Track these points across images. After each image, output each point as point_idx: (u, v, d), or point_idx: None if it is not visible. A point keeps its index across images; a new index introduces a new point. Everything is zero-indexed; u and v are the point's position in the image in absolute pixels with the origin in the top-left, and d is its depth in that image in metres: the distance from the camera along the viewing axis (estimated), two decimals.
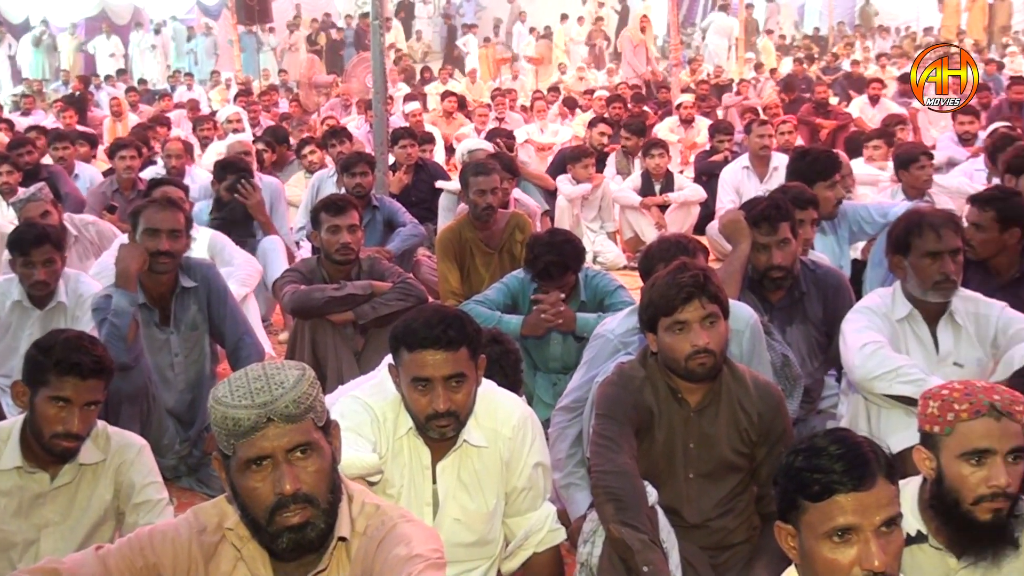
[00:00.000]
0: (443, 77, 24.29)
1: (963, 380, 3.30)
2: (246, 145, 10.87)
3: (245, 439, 2.72)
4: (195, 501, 5.01)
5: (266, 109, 19.10)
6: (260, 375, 2.78)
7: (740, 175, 10.40)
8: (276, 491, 2.73)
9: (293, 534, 2.76)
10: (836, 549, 2.61)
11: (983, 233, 5.61)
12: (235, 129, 13.36)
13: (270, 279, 7.37)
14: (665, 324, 3.92)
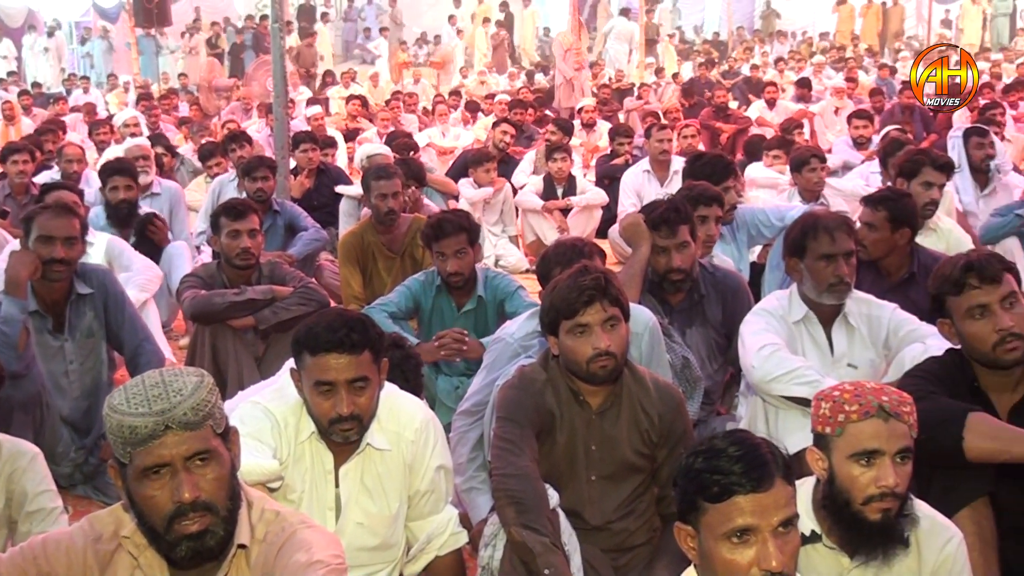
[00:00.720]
0: (345, 81, 24.16)
1: (854, 381, 3.34)
2: (144, 149, 10.70)
3: (142, 447, 2.68)
4: (91, 509, 4.92)
5: (166, 113, 18.87)
6: (157, 382, 2.75)
7: (641, 179, 10.46)
8: (174, 499, 2.70)
9: (192, 542, 2.73)
10: (735, 549, 2.64)
11: (875, 233, 5.71)
12: (133, 133, 13.15)
13: (175, 284, 7.28)
14: (566, 327, 3.94)
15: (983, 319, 3.86)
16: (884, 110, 16.22)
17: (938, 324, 4.06)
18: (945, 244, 6.81)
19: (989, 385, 3.92)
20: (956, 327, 3.94)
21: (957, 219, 8.01)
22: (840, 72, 24.40)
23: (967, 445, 3.61)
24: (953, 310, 3.94)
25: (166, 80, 27.18)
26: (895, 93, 17.52)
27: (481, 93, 23.49)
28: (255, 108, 19.03)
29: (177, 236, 8.44)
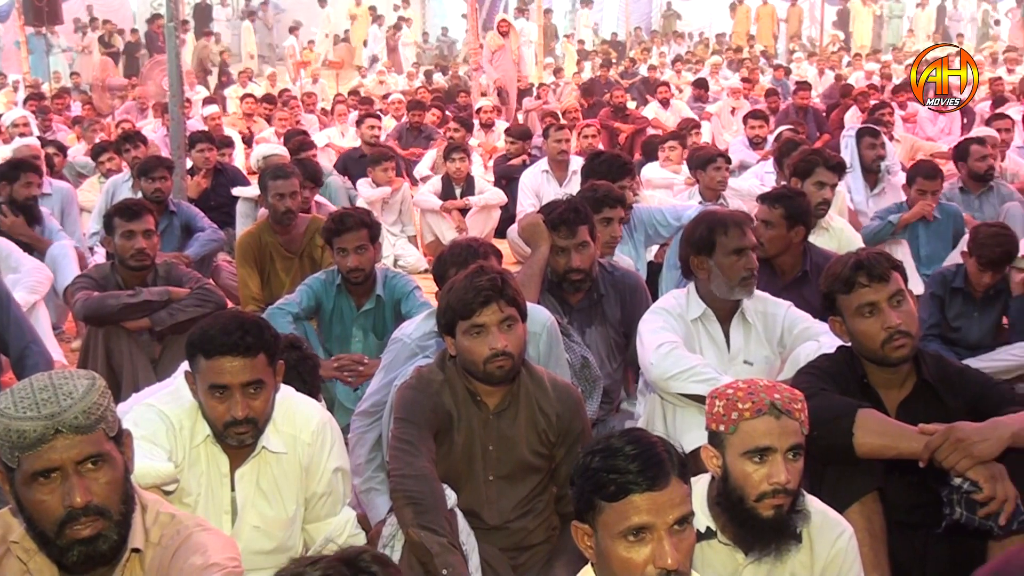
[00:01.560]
0: (242, 80, 23.93)
1: (747, 379, 3.38)
2: (33, 149, 10.51)
3: (31, 451, 2.64)
4: None
5: (58, 112, 18.53)
6: (47, 385, 2.71)
7: (539, 179, 10.48)
8: (66, 504, 2.67)
9: (84, 547, 2.70)
10: (631, 548, 2.65)
11: (772, 230, 5.79)
12: (22, 133, 12.88)
13: (61, 285, 7.16)
14: (463, 327, 3.94)
15: (872, 317, 3.92)
16: (779, 111, 16.44)
17: (829, 322, 4.12)
18: (837, 243, 6.92)
19: (878, 382, 3.99)
20: (846, 325, 4.00)
21: (849, 218, 8.15)
22: (736, 73, 24.70)
23: (857, 441, 3.67)
24: (843, 308, 3.99)
25: (57, 79, 26.68)
26: (790, 94, 17.77)
27: (379, 93, 23.39)
28: (150, 108, 18.78)
29: (70, 237, 8.28)
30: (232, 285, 8.05)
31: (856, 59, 27.90)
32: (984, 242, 6.68)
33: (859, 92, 17.22)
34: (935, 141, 14.82)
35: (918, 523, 3.87)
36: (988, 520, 3.50)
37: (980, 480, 3.50)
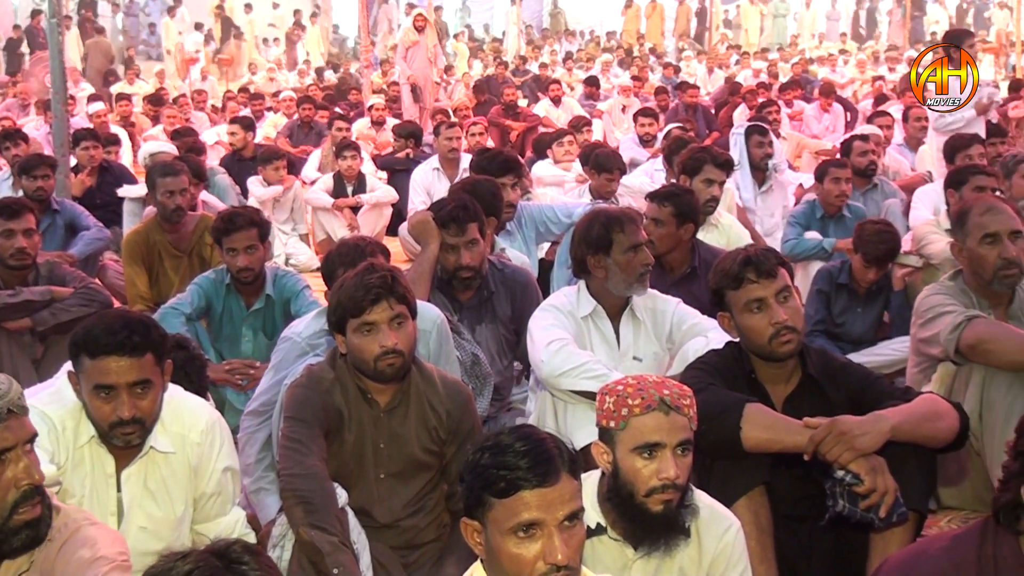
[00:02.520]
0: (130, 77, 23.57)
1: (637, 375, 3.39)
2: None
3: None
4: None
5: None
6: None
7: (430, 176, 10.46)
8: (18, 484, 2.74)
9: (30, 530, 2.80)
10: (521, 544, 2.65)
11: (662, 228, 5.84)
12: None
13: None
14: (353, 325, 3.92)
15: (760, 313, 3.96)
16: (669, 108, 16.61)
17: (718, 317, 4.16)
18: (726, 239, 7.00)
19: (765, 377, 4.04)
20: (735, 320, 4.04)
21: (737, 215, 8.25)
22: (627, 71, 24.89)
23: (744, 435, 3.71)
24: (732, 304, 4.03)
25: None
26: (680, 91, 17.94)
27: (270, 90, 23.17)
28: (33, 105, 18.41)
29: None
30: (119, 284, 7.92)
31: (744, 58, 28.27)
32: (868, 239, 6.80)
33: (747, 90, 17.46)
34: (820, 139, 15.06)
35: (803, 516, 3.93)
36: (869, 512, 3.57)
37: (862, 473, 3.56)
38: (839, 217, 8.25)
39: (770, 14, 36.62)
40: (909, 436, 3.70)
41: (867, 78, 24.23)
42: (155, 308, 6.42)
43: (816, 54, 30.84)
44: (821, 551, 3.94)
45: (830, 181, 8.23)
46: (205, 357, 5.03)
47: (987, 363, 4.74)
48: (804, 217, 8.37)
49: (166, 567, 2.15)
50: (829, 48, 32.60)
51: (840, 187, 8.22)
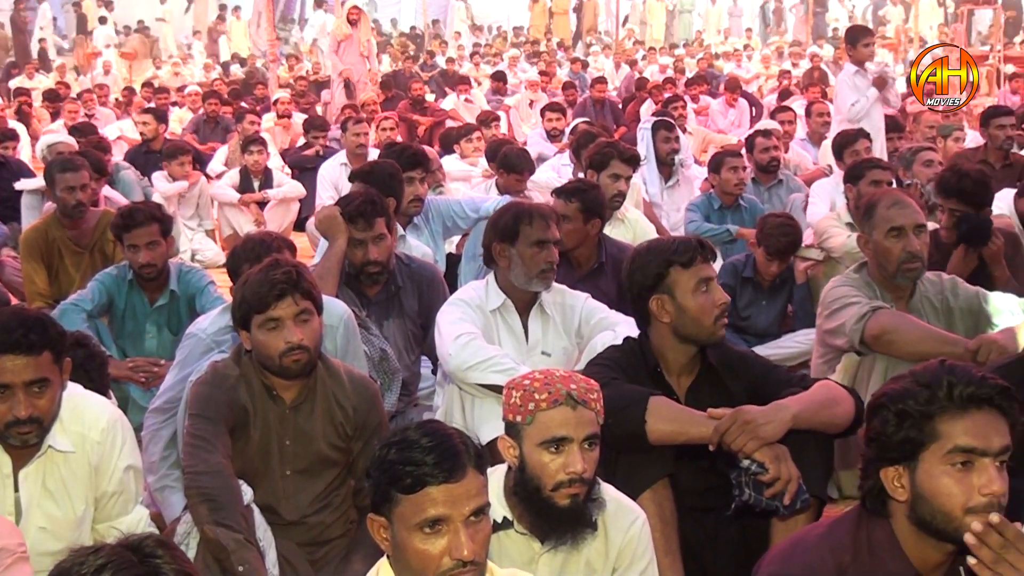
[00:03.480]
0: (29, 72, 23.16)
1: (544, 370, 3.41)
2: None
3: None
4: None
5: None
6: None
7: (338, 172, 10.39)
8: None
9: None
10: (427, 540, 2.65)
11: (569, 224, 5.85)
12: None
13: None
14: (258, 321, 3.91)
15: (707, 293, 3.99)
16: (576, 103, 16.66)
17: (653, 301, 4.08)
18: (632, 234, 7.04)
19: (670, 369, 4.08)
20: (675, 302, 4.02)
21: (644, 210, 8.30)
22: (534, 66, 24.94)
23: (649, 428, 3.73)
24: (678, 283, 4.01)
25: None
26: (587, 87, 18.02)
27: (175, 84, 22.89)
28: None
29: None
30: (17, 281, 7.78)
31: (651, 53, 28.46)
32: (771, 232, 6.89)
33: (654, 85, 17.59)
34: (726, 134, 15.21)
35: (708, 507, 3.98)
36: (774, 500, 3.61)
37: (766, 461, 3.61)
38: (736, 207, 8.35)
39: (676, 10, 36.89)
40: (809, 423, 3.76)
41: (772, 73, 24.53)
42: (55, 305, 6.32)
43: (721, 49, 31.16)
44: (726, 542, 3.98)
45: (727, 170, 8.33)
46: (106, 354, 4.97)
47: (890, 353, 4.83)
48: (702, 208, 8.45)
49: (78, 561, 2.12)
50: (734, 43, 32.94)
51: (737, 175, 8.32)
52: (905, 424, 2.64)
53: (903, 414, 2.65)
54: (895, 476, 2.68)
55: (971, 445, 2.59)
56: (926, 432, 2.62)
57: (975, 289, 5.26)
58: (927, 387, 2.64)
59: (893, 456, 2.67)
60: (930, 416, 2.62)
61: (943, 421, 2.61)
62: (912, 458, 2.65)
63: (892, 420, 2.66)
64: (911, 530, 2.70)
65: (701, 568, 3.95)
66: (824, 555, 2.71)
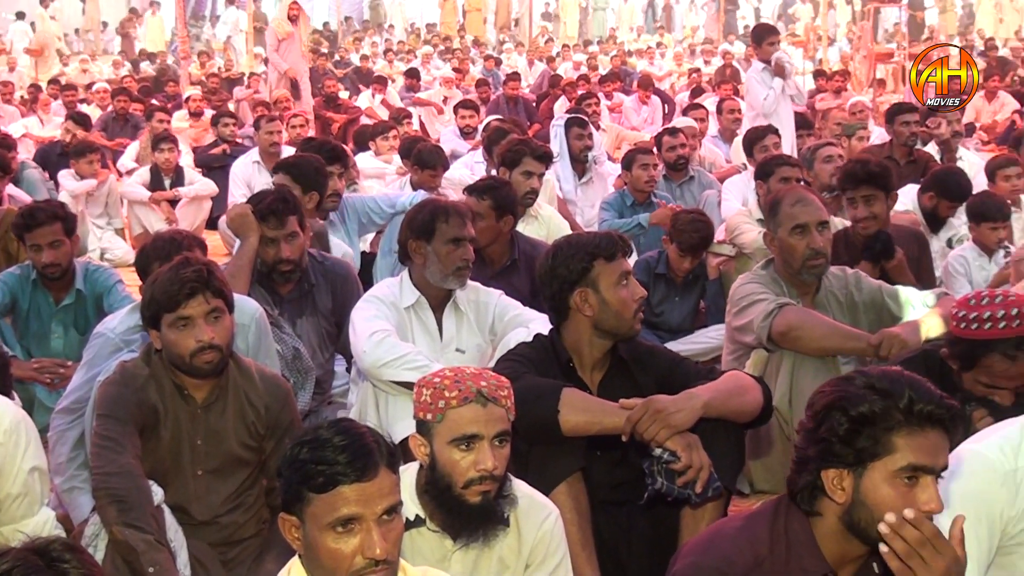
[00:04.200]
0: None
1: (455, 367, 3.41)
2: None
3: None
4: None
5: None
6: None
7: (251, 169, 10.31)
8: None
9: None
10: (339, 539, 2.63)
11: (482, 221, 5.86)
12: None
13: None
14: (168, 320, 3.87)
15: (626, 287, 4.02)
16: (490, 100, 16.68)
17: (576, 294, 4.10)
18: (546, 231, 7.07)
19: (582, 364, 4.09)
20: (599, 295, 4.03)
21: (558, 207, 8.34)
22: (447, 63, 24.93)
23: (562, 419, 3.75)
24: (604, 276, 4.02)
25: None
26: (500, 84, 18.05)
27: (83, 81, 22.56)
28: None
29: None
30: None
31: (565, 50, 28.56)
32: (683, 228, 6.95)
33: (567, 83, 17.65)
34: (639, 131, 15.31)
35: (620, 501, 4.00)
36: (686, 489, 3.64)
37: (678, 450, 3.63)
38: (648, 204, 8.39)
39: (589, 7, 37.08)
40: (720, 411, 3.80)
41: (684, 71, 24.74)
42: None
43: (635, 47, 31.36)
44: (638, 533, 4.00)
45: (638, 167, 8.37)
46: (9, 355, 4.89)
47: (796, 349, 4.91)
48: (615, 205, 8.50)
49: None
50: (647, 41, 33.18)
51: (648, 172, 8.38)
52: (861, 433, 2.63)
53: (860, 422, 2.63)
54: (837, 478, 2.68)
55: (922, 464, 2.61)
56: (881, 444, 2.62)
57: (878, 283, 5.36)
58: (886, 397, 2.63)
59: (839, 459, 2.66)
60: (888, 429, 2.61)
61: (900, 436, 2.61)
62: (859, 465, 2.64)
63: (846, 425, 2.64)
64: (838, 529, 2.72)
65: (615, 561, 3.96)
66: (743, 546, 2.73)
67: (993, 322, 3.81)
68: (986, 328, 3.82)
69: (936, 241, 7.13)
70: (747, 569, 2.70)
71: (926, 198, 7.47)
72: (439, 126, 16.14)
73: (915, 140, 9.41)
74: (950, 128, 9.87)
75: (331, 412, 5.58)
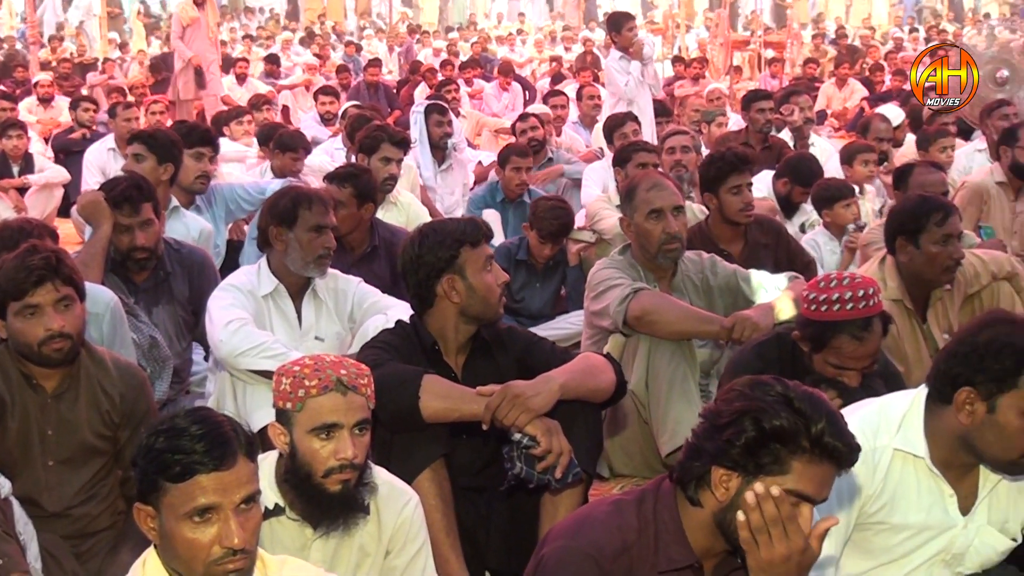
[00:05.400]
0: None
1: (314, 356, 3.37)
2: None
3: None
4: None
5: None
6: None
7: (106, 156, 10.12)
8: None
9: None
10: (196, 528, 2.61)
11: (343, 209, 5.85)
12: None
13: None
14: (15, 308, 3.80)
15: (489, 272, 4.05)
16: (350, 87, 16.58)
17: (443, 281, 4.04)
18: (406, 217, 7.09)
19: (447, 349, 4.11)
20: (467, 281, 4.03)
21: (419, 194, 8.34)
22: (308, 49, 24.71)
23: (423, 405, 3.76)
24: (468, 263, 4.03)
25: None
26: (361, 70, 17.95)
27: None
28: None
29: None
30: None
31: (425, 36, 28.51)
32: (543, 215, 6.99)
33: (427, 69, 17.63)
34: (500, 117, 15.37)
35: (480, 488, 4.04)
36: (546, 474, 3.67)
37: (537, 435, 3.66)
38: (519, 202, 8.40)
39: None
40: (576, 392, 3.84)
41: (544, 57, 24.86)
42: None
43: (495, 33, 31.44)
44: (498, 520, 4.03)
45: (511, 169, 8.37)
46: None
47: (652, 333, 4.97)
48: (484, 199, 8.52)
49: None
50: (508, 27, 33.27)
51: (520, 176, 8.38)
52: (766, 447, 2.62)
53: (768, 436, 2.62)
54: (726, 477, 2.69)
55: (808, 493, 2.63)
56: (780, 462, 2.62)
57: (733, 267, 5.45)
58: (800, 420, 2.62)
59: (734, 463, 2.66)
60: (791, 452, 2.62)
61: (800, 462, 2.61)
62: (751, 475, 2.65)
63: (753, 435, 2.63)
64: (709, 523, 2.74)
65: (474, 548, 3.98)
66: (612, 532, 2.74)
67: (841, 304, 3.93)
68: (835, 310, 3.94)
69: (790, 226, 7.27)
70: (615, 554, 2.72)
71: (780, 184, 7.63)
72: (302, 113, 15.98)
73: (770, 127, 9.61)
74: (803, 115, 10.07)
75: (189, 401, 5.52)
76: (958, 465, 3.29)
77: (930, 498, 3.32)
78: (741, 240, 6.10)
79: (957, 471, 3.31)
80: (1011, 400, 3.07)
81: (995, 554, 3.42)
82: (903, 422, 3.31)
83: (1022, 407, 3.07)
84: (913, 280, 5.10)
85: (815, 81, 18.87)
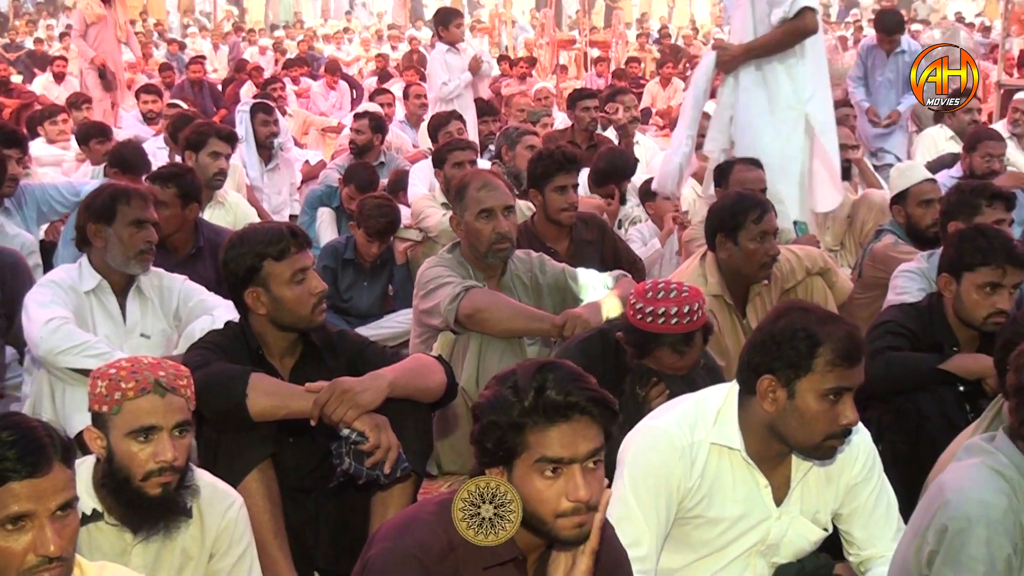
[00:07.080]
0: None
1: (131, 358, 3.31)
2: None
3: None
4: None
5: None
6: None
7: None
8: None
9: None
10: (9, 537, 2.52)
11: (167, 210, 5.75)
12: None
13: None
14: None
15: (303, 283, 3.98)
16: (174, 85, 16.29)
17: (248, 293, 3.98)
18: (233, 217, 7.02)
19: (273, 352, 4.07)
20: (271, 294, 3.96)
21: (246, 194, 8.25)
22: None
23: (250, 403, 3.72)
24: (272, 277, 3.96)
25: None
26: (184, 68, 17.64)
27: None
28: None
29: None
30: None
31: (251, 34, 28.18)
32: (370, 213, 6.96)
33: (253, 67, 17.43)
34: (327, 116, 15.27)
35: (308, 488, 4.01)
36: (374, 470, 3.67)
37: (366, 430, 3.66)
38: None
39: None
40: (405, 390, 3.85)
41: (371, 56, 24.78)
42: None
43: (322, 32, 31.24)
44: (327, 520, 4.02)
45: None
46: None
47: (483, 331, 5.00)
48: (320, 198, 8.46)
49: None
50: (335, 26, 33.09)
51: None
52: (497, 435, 2.66)
53: (495, 426, 2.66)
54: (498, 473, 2.71)
55: (558, 456, 2.64)
56: (517, 443, 2.64)
57: (561, 266, 5.52)
58: (517, 396, 2.65)
59: (491, 460, 2.70)
60: (520, 428, 2.64)
61: (532, 433, 2.63)
62: (507, 464, 2.67)
63: (488, 430, 2.67)
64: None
65: (303, 549, 3.96)
66: (438, 532, 2.73)
67: (666, 317, 3.99)
68: (659, 323, 4.00)
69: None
70: (442, 554, 2.71)
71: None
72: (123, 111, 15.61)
73: (595, 125, 9.73)
74: (628, 113, 10.23)
75: (3, 405, 5.35)
76: (771, 455, 3.39)
77: (746, 489, 3.41)
78: (567, 238, 6.16)
79: (770, 462, 3.41)
80: (808, 384, 3.19)
81: (808, 544, 3.54)
82: (718, 416, 3.39)
83: (819, 390, 3.18)
84: (732, 276, 5.24)
85: (640, 80, 19.16)
